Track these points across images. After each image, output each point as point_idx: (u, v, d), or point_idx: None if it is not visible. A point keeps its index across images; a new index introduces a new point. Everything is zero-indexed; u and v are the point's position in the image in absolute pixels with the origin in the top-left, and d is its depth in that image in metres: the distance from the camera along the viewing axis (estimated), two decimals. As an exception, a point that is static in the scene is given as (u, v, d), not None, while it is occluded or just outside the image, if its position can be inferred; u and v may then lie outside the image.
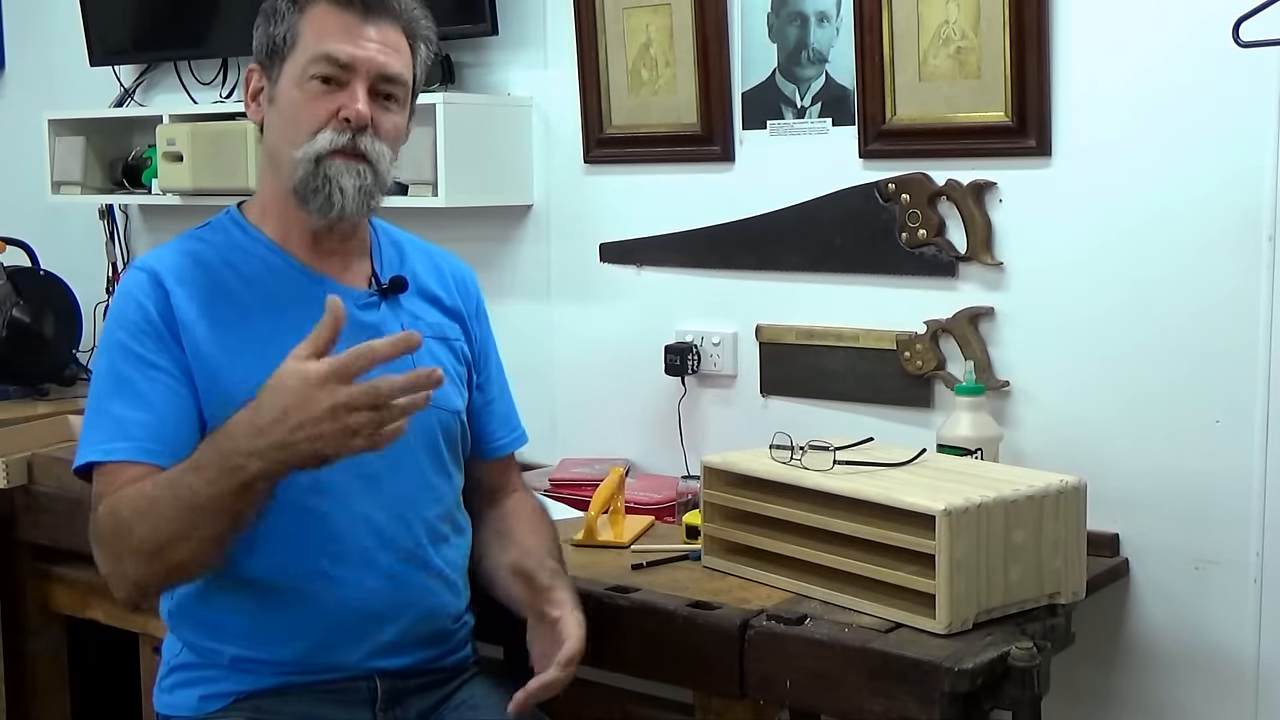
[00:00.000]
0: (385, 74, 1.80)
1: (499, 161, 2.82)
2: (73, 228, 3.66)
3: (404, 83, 1.84)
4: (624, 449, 2.73)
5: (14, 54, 3.83)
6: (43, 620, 2.84)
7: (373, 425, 1.56)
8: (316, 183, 1.78)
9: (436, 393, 1.83)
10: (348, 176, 1.78)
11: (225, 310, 1.80)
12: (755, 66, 2.56)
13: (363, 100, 1.78)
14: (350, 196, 1.79)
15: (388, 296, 1.89)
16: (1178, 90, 2.16)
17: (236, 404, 1.71)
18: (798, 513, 1.99)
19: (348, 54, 1.78)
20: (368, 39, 1.80)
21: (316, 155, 1.78)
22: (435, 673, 1.90)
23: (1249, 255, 2.12)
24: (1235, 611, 2.17)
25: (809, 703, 1.90)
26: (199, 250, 1.85)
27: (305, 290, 1.83)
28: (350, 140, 1.78)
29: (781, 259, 2.56)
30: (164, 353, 1.76)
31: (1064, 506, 1.92)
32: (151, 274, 1.80)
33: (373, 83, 1.80)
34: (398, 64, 1.82)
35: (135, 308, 1.78)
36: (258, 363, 1.75)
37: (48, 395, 3.30)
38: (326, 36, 1.79)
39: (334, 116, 1.78)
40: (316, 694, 1.80)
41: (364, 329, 1.81)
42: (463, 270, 2.05)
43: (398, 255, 1.96)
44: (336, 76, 1.79)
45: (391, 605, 1.82)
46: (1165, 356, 2.19)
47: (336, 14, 1.80)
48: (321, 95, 1.79)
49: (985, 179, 2.33)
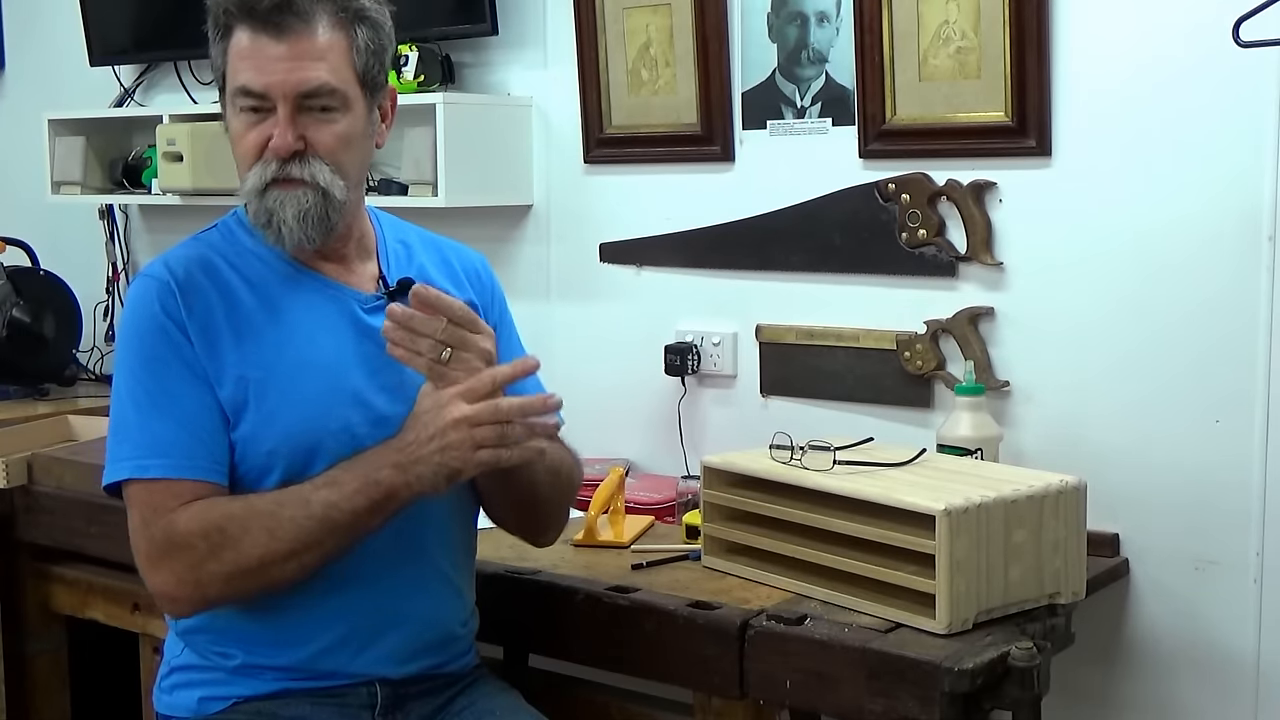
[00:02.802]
0: (304, 91, 1.74)
1: (499, 161, 2.82)
2: (73, 228, 3.65)
3: (332, 90, 1.75)
4: (624, 449, 2.73)
5: (14, 54, 3.83)
6: (43, 620, 2.84)
7: (495, 438, 1.68)
8: (264, 218, 1.77)
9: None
10: (289, 206, 1.75)
11: (233, 316, 1.78)
12: (755, 66, 2.56)
13: (282, 128, 1.73)
14: (293, 226, 1.76)
15: (395, 299, 1.85)
16: (1178, 90, 2.16)
17: (244, 410, 1.73)
18: (798, 513, 1.99)
19: (260, 84, 1.73)
20: (281, 59, 1.73)
21: (255, 190, 1.76)
22: (437, 679, 1.88)
23: (1249, 255, 2.12)
24: (1235, 611, 2.17)
25: (809, 703, 1.90)
26: (205, 255, 1.83)
27: (312, 297, 1.82)
28: (279, 168, 1.75)
29: (781, 259, 2.56)
30: (183, 360, 1.75)
31: (1064, 506, 1.92)
32: (161, 282, 1.78)
33: (296, 103, 1.74)
34: (318, 75, 1.74)
35: (149, 317, 1.77)
36: (265, 369, 1.76)
37: (48, 395, 3.30)
38: (242, 65, 1.74)
39: (264, 148, 1.75)
40: (316, 699, 1.79)
41: (370, 333, 1.80)
42: (473, 260, 2.02)
43: (405, 253, 1.93)
44: (260, 105, 1.75)
45: (398, 612, 1.81)
46: (1165, 356, 2.20)
47: (250, 39, 1.74)
48: (252, 126, 1.76)
49: (985, 179, 2.33)
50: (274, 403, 1.75)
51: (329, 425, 1.76)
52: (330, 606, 1.78)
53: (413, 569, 1.82)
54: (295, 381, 1.76)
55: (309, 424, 1.75)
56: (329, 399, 1.77)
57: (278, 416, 1.75)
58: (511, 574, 2.10)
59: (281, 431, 1.75)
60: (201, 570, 1.70)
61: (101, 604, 2.70)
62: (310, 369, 1.78)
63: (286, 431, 1.75)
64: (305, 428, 1.75)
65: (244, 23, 1.74)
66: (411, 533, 1.80)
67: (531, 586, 2.08)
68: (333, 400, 1.77)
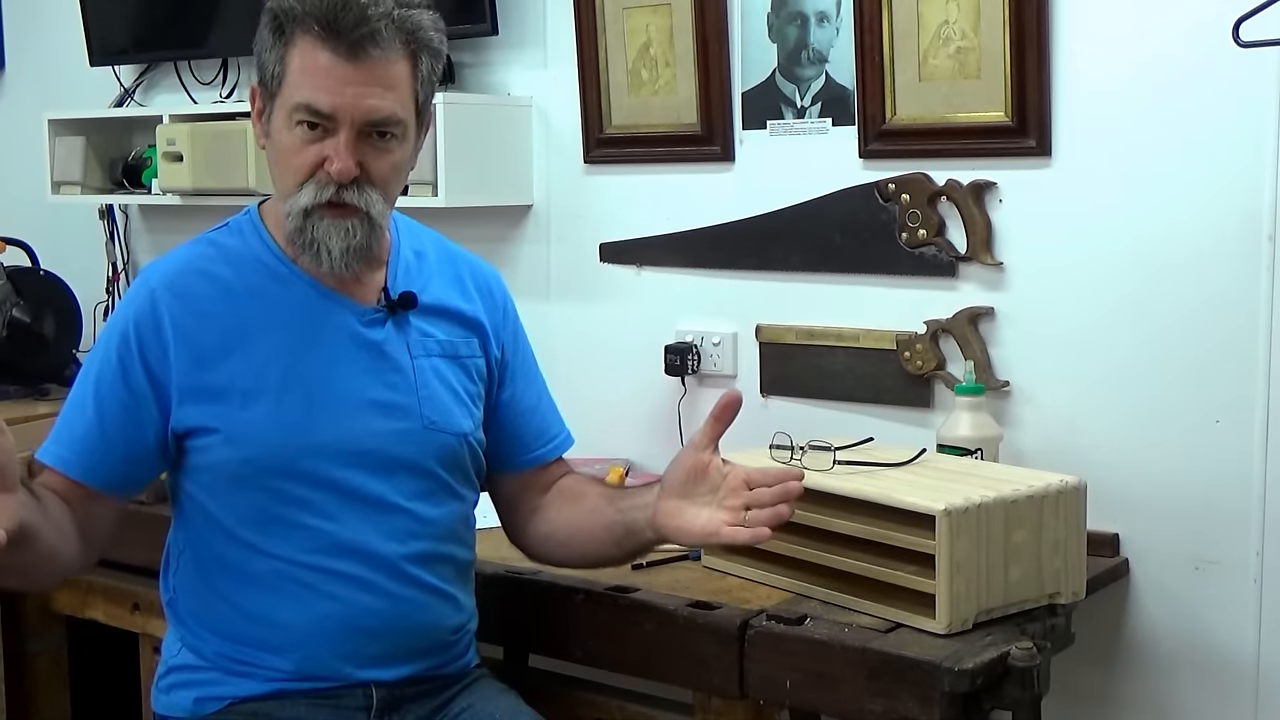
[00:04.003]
0: (373, 119, 1.70)
1: (499, 161, 2.82)
2: (73, 228, 3.65)
3: (398, 120, 1.73)
4: (624, 449, 2.73)
5: (14, 54, 3.83)
6: (43, 620, 2.84)
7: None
8: (305, 238, 1.73)
9: (438, 413, 1.83)
10: (335, 238, 1.72)
11: (225, 323, 1.78)
12: (755, 66, 2.56)
13: (344, 153, 1.69)
14: (337, 258, 1.73)
15: (395, 313, 1.84)
16: (1178, 90, 2.16)
17: (226, 418, 1.74)
18: (798, 513, 1.98)
19: (330, 105, 1.68)
20: (352, 83, 1.68)
21: (303, 210, 1.72)
22: (434, 680, 1.87)
23: (1249, 255, 2.12)
24: (1235, 611, 2.17)
25: (809, 703, 1.90)
26: (210, 258, 1.82)
27: (313, 305, 1.81)
28: (335, 193, 1.71)
29: (781, 259, 2.56)
30: (131, 382, 1.77)
31: (1064, 506, 1.92)
32: (150, 293, 1.78)
33: (360, 128, 1.70)
34: (388, 105, 1.71)
35: (118, 329, 1.79)
36: (253, 378, 1.76)
37: (48, 395, 3.29)
38: (308, 81, 1.69)
39: (319, 167, 1.71)
40: (312, 700, 1.79)
41: (367, 346, 1.80)
42: (486, 273, 1.97)
43: (417, 264, 1.90)
44: (321, 124, 1.70)
45: (385, 621, 1.80)
46: (1165, 356, 2.19)
47: (320, 51, 1.68)
48: (307, 142, 1.71)
49: (985, 179, 2.33)
50: (259, 413, 1.75)
51: (313, 439, 1.76)
52: (313, 614, 1.77)
53: (397, 581, 1.80)
54: (281, 393, 1.76)
55: (290, 436, 1.76)
56: (316, 414, 1.77)
57: (261, 427, 1.75)
58: (511, 574, 2.10)
59: (262, 441, 1.75)
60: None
61: (101, 604, 2.70)
62: (298, 381, 1.77)
63: (266, 442, 1.75)
64: (285, 439, 1.75)
65: (316, 36, 1.69)
66: (393, 545, 1.79)
67: (531, 586, 2.08)
68: (320, 416, 1.77)
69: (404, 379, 1.82)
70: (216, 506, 1.79)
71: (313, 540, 1.77)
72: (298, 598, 1.77)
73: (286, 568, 1.77)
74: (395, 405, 1.80)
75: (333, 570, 1.77)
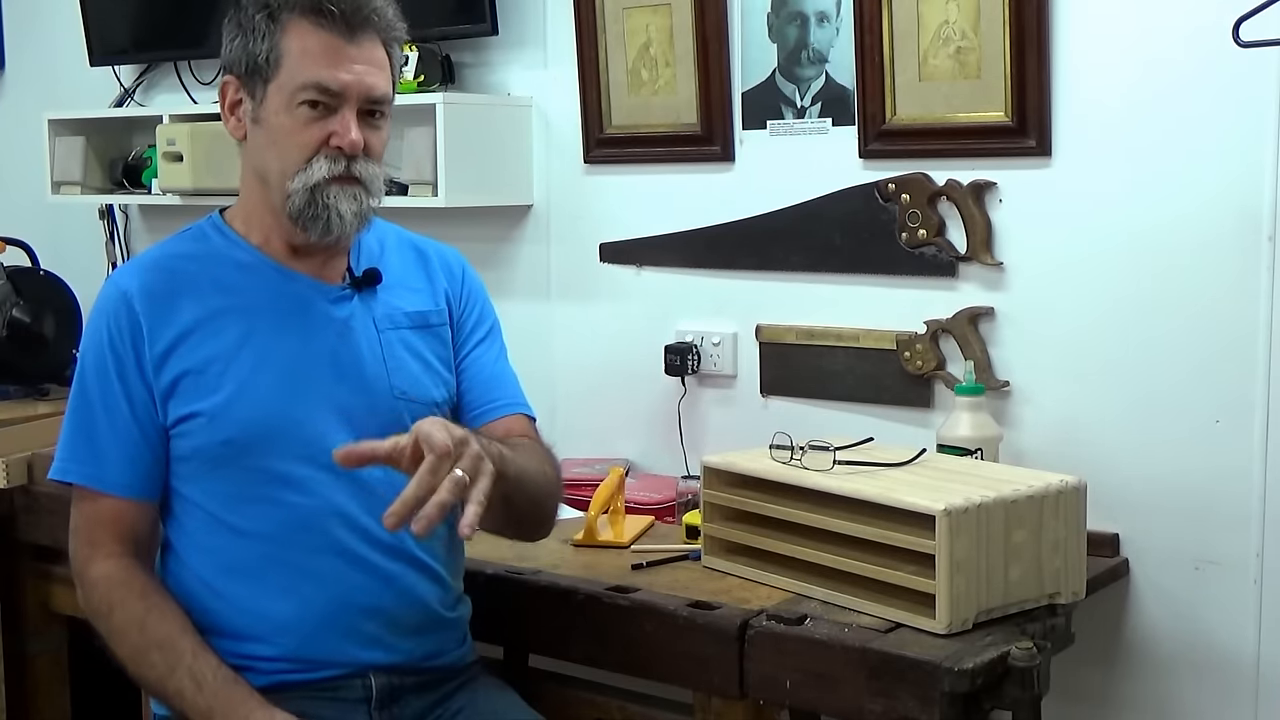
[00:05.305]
0: (373, 96, 1.80)
1: (499, 161, 2.82)
2: (73, 228, 3.65)
3: (389, 99, 1.84)
4: (624, 449, 2.73)
5: (14, 54, 3.83)
6: (43, 620, 2.84)
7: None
8: (315, 210, 1.79)
9: (407, 383, 1.89)
10: (346, 202, 1.80)
11: (197, 313, 1.82)
12: (755, 66, 2.56)
13: (354, 128, 1.78)
14: (349, 220, 1.81)
15: (361, 289, 1.90)
16: (1178, 90, 2.16)
17: (204, 400, 1.78)
18: (798, 513, 1.99)
19: (339, 82, 1.77)
20: (354, 60, 1.78)
21: (313, 185, 1.79)
22: (432, 672, 1.89)
23: (1249, 255, 2.12)
24: (1235, 611, 2.17)
25: (809, 703, 1.90)
26: (175, 259, 1.88)
27: (280, 288, 1.86)
28: (345, 168, 1.79)
29: (781, 259, 2.56)
30: (124, 385, 1.81)
31: (1064, 506, 1.92)
32: (122, 294, 1.83)
33: (360, 105, 1.79)
34: (383, 84, 1.81)
35: (96, 333, 1.84)
36: (227, 360, 1.80)
37: (48, 395, 3.29)
38: (312, 62, 1.77)
39: (325, 143, 1.78)
40: (311, 692, 1.80)
41: (334, 323, 1.86)
42: (446, 252, 2.04)
43: (379, 248, 1.96)
44: (326, 102, 1.78)
45: (375, 596, 1.83)
46: (1165, 356, 2.19)
47: (318, 33, 1.77)
48: (312, 121, 1.78)
49: (985, 179, 2.33)
50: (233, 393, 1.80)
51: (291, 415, 1.80)
52: (302, 593, 1.80)
53: (382, 554, 1.83)
54: (256, 373, 1.81)
55: (265, 414, 1.80)
56: (289, 391, 1.81)
57: (237, 407, 1.80)
58: (511, 574, 2.10)
59: (240, 420, 1.79)
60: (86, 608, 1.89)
61: (101, 604, 2.69)
62: (270, 361, 1.82)
63: (245, 420, 1.79)
64: (260, 417, 1.80)
65: (313, 20, 1.77)
66: (374, 517, 1.76)
67: (531, 586, 2.08)
68: (293, 392, 1.81)
69: (372, 351, 1.87)
70: (199, 494, 1.83)
71: (295, 516, 1.80)
72: (285, 582, 1.80)
73: (271, 550, 1.80)
74: (365, 378, 1.85)
75: (316, 547, 1.80)
